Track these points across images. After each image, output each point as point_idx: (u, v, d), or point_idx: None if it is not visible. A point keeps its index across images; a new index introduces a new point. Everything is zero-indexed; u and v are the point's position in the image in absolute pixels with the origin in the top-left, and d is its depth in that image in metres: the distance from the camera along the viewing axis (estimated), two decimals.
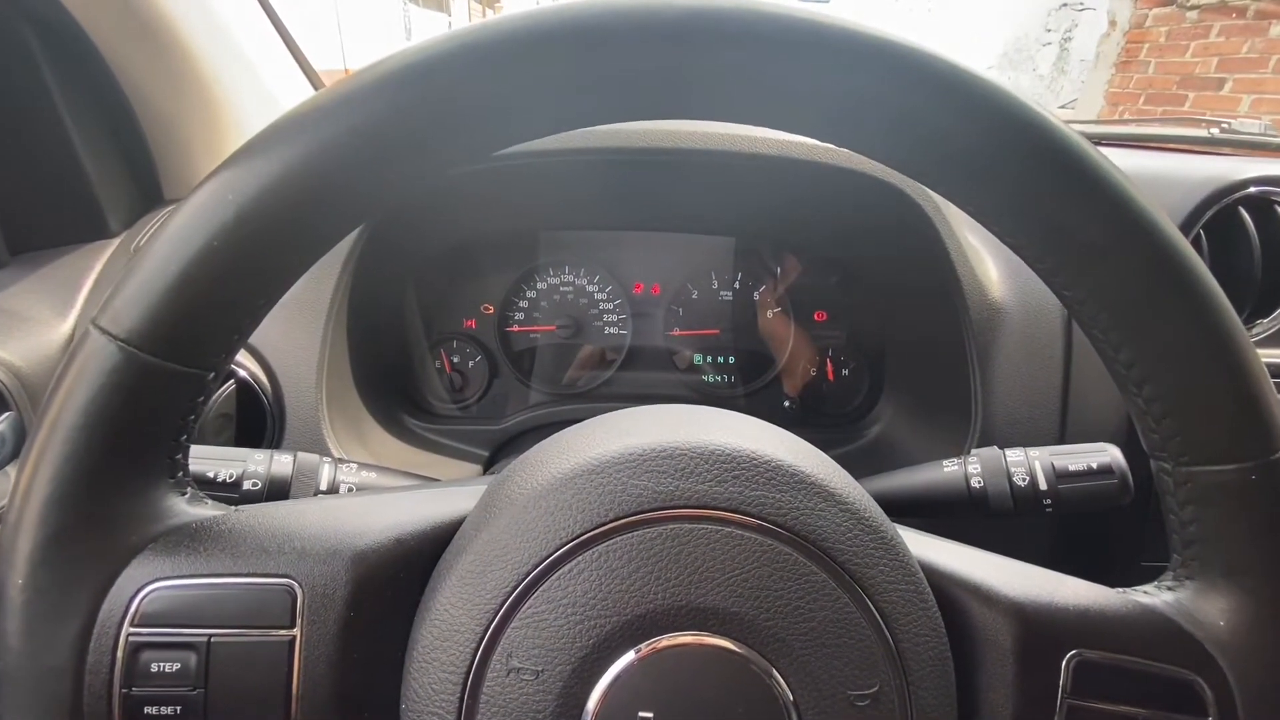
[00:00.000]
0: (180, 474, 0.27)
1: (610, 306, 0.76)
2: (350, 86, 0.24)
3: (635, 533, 0.25)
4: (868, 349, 0.75)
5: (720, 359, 0.77)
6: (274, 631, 0.25)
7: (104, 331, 0.24)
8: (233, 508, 0.28)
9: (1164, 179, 0.61)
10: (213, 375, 0.26)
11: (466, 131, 0.25)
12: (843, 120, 0.25)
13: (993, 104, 0.23)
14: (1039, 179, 0.24)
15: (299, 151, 0.23)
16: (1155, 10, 3.72)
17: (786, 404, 0.77)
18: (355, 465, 0.44)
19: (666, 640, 0.25)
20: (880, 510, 0.28)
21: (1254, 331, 0.62)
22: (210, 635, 0.25)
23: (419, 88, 0.23)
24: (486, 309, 0.75)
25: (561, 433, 0.30)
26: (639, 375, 0.77)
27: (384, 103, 0.23)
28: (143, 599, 0.25)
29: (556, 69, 0.23)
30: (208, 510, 0.27)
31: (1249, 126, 0.81)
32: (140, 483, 0.26)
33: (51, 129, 0.57)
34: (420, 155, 0.25)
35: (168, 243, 0.24)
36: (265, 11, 0.73)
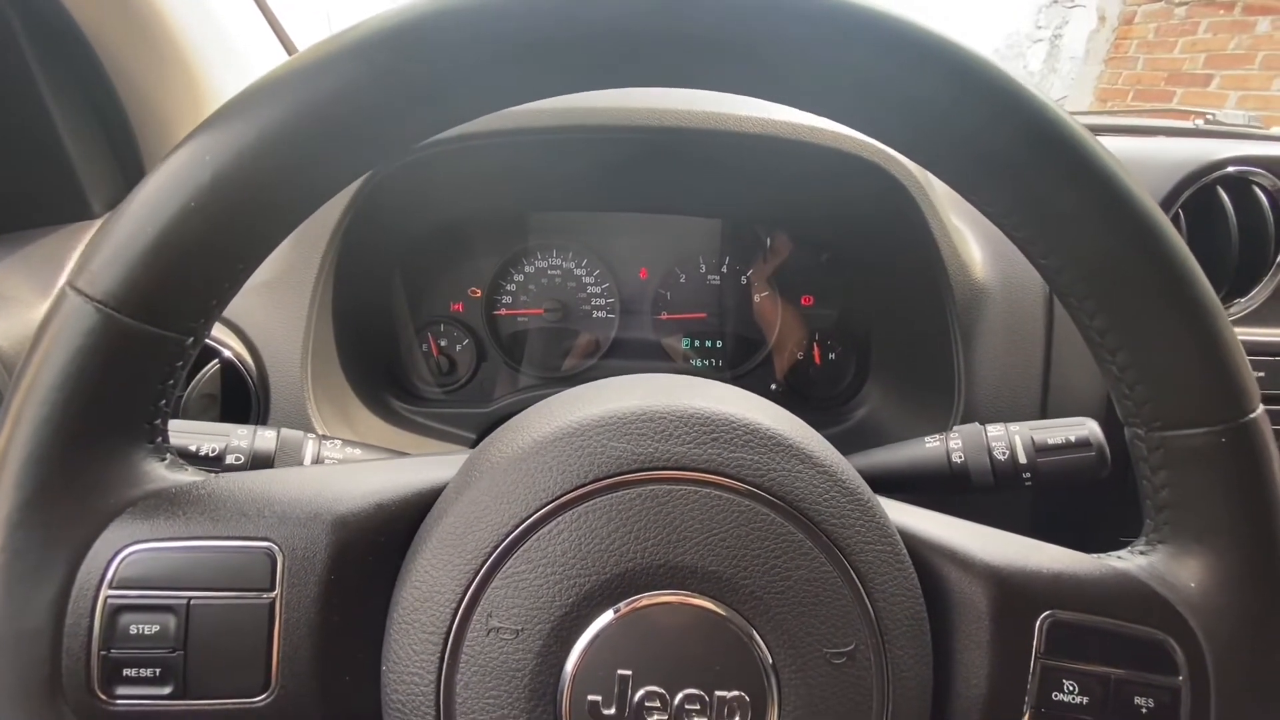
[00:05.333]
0: (159, 439, 0.27)
1: (598, 290, 0.76)
2: (329, 49, 0.23)
3: (615, 494, 0.25)
4: (854, 331, 0.75)
5: (708, 343, 0.77)
6: (254, 594, 0.25)
7: (80, 293, 0.24)
8: (213, 474, 0.28)
9: (1143, 160, 0.62)
10: (191, 340, 0.26)
11: (448, 96, 0.25)
12: (816, 87, 0.25)
13: (970, 71, 0.24)
14: (1017, 147, 0.24)
15: (276, 113, 0.23)
16: (1144, 6, 3.74)
17: (774, 387, 0.77)
18: (339, 442, 0.44)
19: (645, 599, 0.25)
20: (857, 474, 0.28)
21: (1232, 311, 0.62)
22: (190, 598, 0.25)
23: (399, 50, 0.23)
24: (474, 292, 0.75)
25: (543, 400, 0.30)
26: (626, 360, 0.77)
27: (363, 65, 0.23)
28: (121, 561, 0.25)
29: (545, 31, 0.23)
30: (187, 476, 0.27)
31: (1233, 118, 0.82)
32: (118, 446, 0.26)
33: (33, 108, 0.56)
34: (401, 119, 0.25)
35: (144, 204, 0.24)
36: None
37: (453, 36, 0.23)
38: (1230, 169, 0.59)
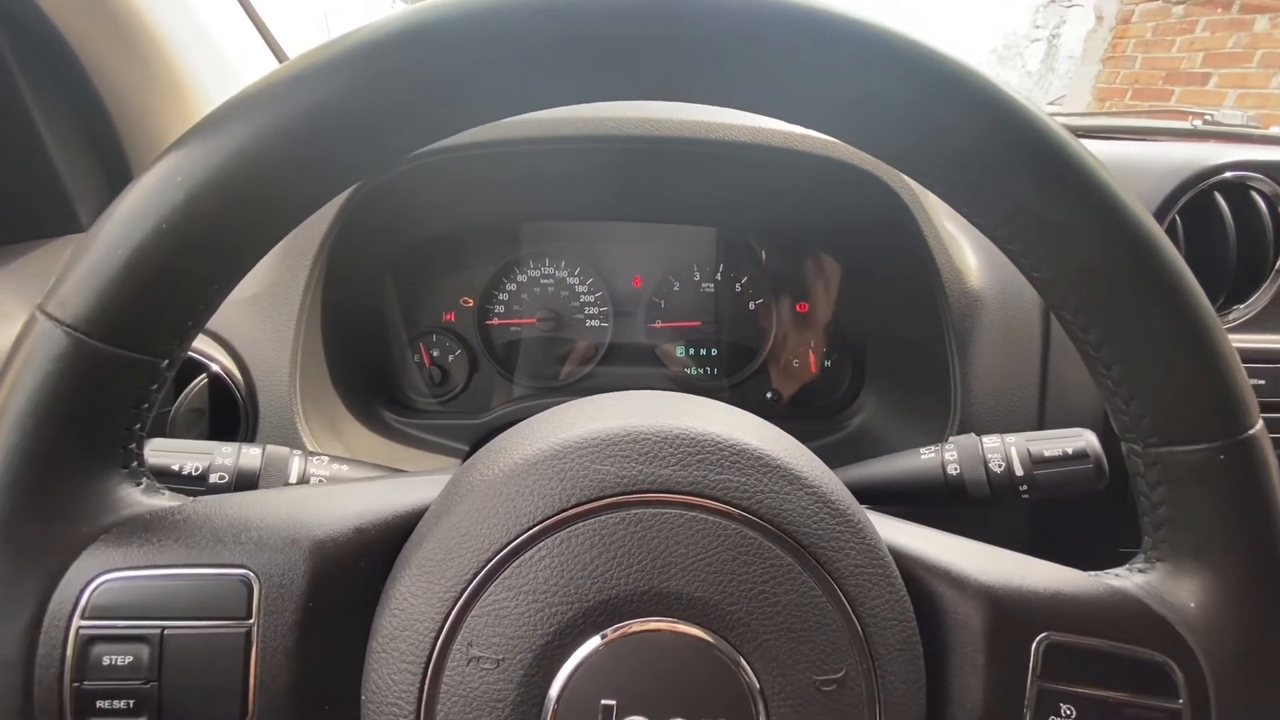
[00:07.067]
0: (135, 464, 0.27)
1: (591, 299, 0.75)
2: (305, 64, 0.23)
3: (598, 518, 0.25)
4: (850, 340, 0.75)
5: (703, 351, 0.77)
6: (230, 623, 0.25)
7: (50, 317, 0.23)
8: (189, 498, 0.28)
9: (1141, 165, 0.61)
10: (166, 363, 0.25)
11: (428, 111, 0.24)
12: (805, 100, 0.25)
13: (960, 83, 0.23)
14: (1007, 159, 0.24)
15: (250, 131, 0.23)
16: (1142, 5, 3.74)
17: (769, 396, 0.77)
18: (326, 458, 0.44)
19: (629, 627, 0.24)
20: (848, 493, 0.28)
21: (1230, 317, 0.62)
22: (163, 627, 0.24)
23: (378, 65, 0.23)
24: (466, 302, 0.74)
25: (525, 420, 0.30)
26: (621, 368, 0.76)
27: (341, 81, 0.23)
28: (94, 591, 0.24)
29: (532, 44, 0.23)
30: (163, 501, 0.27)
31: (1231, 118, 0.82)
32: (91, 472, 0.25)
33: (18, 121, 0.56)
34: (380, 135, 0.24)
35: (116, 226, 0.23)
36: (241, 5, 0.72)
37: (440, 49, 0.23)
38: (1228, 174, 0.59)
